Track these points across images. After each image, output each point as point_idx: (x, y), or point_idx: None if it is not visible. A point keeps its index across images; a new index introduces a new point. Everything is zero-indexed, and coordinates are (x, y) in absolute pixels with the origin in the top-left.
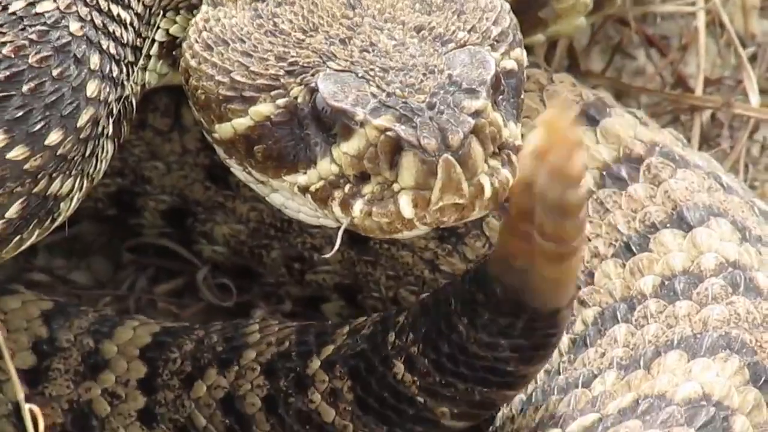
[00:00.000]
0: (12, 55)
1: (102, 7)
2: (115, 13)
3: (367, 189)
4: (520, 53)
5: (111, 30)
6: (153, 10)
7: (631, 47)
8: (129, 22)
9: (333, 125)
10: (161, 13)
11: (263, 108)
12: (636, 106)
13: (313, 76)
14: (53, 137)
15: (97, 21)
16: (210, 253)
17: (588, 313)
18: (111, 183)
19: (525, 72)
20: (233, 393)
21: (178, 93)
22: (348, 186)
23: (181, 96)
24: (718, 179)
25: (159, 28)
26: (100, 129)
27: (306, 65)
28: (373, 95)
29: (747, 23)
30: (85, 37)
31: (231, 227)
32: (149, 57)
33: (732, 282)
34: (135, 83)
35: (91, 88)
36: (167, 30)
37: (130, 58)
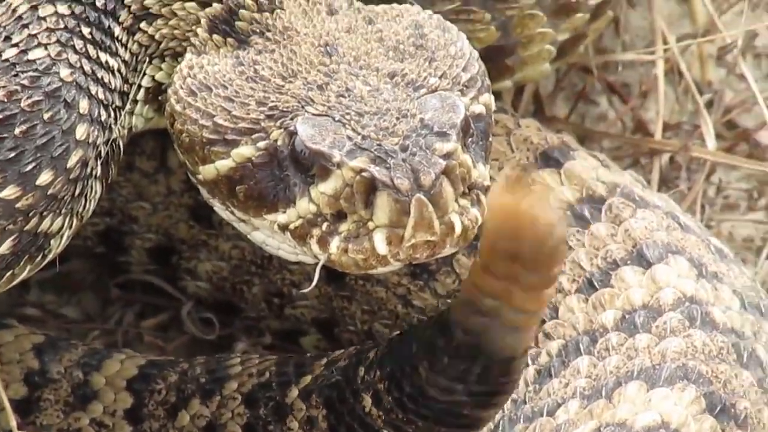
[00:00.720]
0: (5, 100)
1: (91, 55)
2: (104, 60)
3: (344, 227)
4: (488, 98)
5: (99, 76)
6: (140, 57)
7: (594, 94)
8: (117, 68)
9: (311, 166)
10: (147, 60)
11: (245, 150)
12: (598, 149)
13: (292, 120)
14: (44, 177)
15: (86, 68)
16: (194, 289)
17: (552, 345)
18: (100, 222)
19: (493, 116)
20: (215, 422)
21: (163, 136)
22: (325, 224)
23: (167, 139)
24: (676, 219)
25: (145, 74)
26: (89, 170)
27: (285, 110)
28: (349, 138)
29: (704, 71)
30: (75, 83)
31: (214, 264)
32: (136, 102)
33: (689, 316)
34: (122, 127)
35: (81, 131)
36: (153, 76)
37: (117, 102)
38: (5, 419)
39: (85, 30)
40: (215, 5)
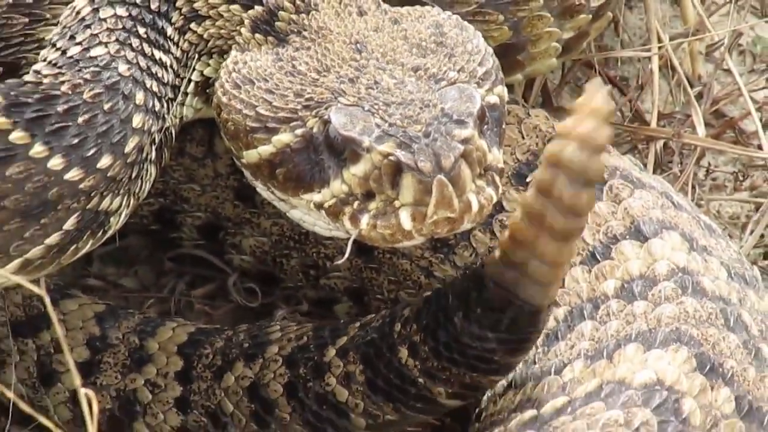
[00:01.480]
0: (69, 92)
1: (146, 52)
2: (157, 57)
3: (373, 205)
4: (501, 90)
5: (154, 71)
6: (189, 54)
7: None
8: (169, 64)
9: (343, 151)
10: (197, 57)
11: (284, 137)
12: None
13: (327, 109)
14: (104, 161)
15: (142, 63)
16: (239, 262)
17: (559, 312)
18: (154, 202)
19: (506, 106)
20: (258, 382)
21: (210, 125)
22: (356, 203)
23: (214, 128)
24: (669, 198)
25: (195, 69)
26: (144, 155)
27: (320, 100)
28: (377, 125)
29: (694, 66)
30: (132, 77)
31: (256, 239)
32: (186, 94)
33: (681, 285)
34: (174, 116)
35: (137, 120)
36: (202, 71)
37: (170, 95)
38: (70, 379)
39: (141, 30)
40: (257, 7)
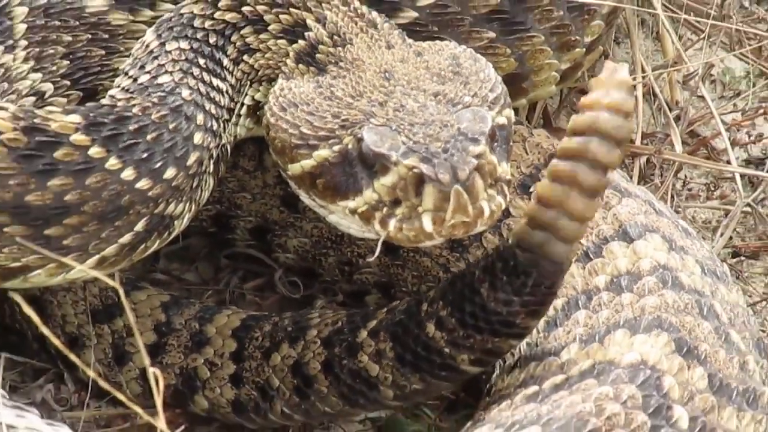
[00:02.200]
0: (140, 113)
1: (205, 80)
2: (215, 84)
3: (399, 211)
4: (509, 113)
5: (212, 96)
6: (242, 82)
7: None
8: (225, 90)
9: (374, 165)
10: (248, 84)
11: (323, 152)
12: None
13: (360, 129)
14: (169, 173)
15: (202, 89)
16: (284, 260)
17: (558, 302)
18: (212, 208)
19: (513, 126)
20: (300, 360)
21: (260, 142)
22: (385, 209)
23: (263, 144)
24: (651, 205)
25: (247, 95)
26: (203, 167)
27: (354, 121)
28: (403, 143)
29: (672, 93)
30: (193, 101)
31: (299, 240)
32: (240, 116)
33: (662, 280)
34: (229, 135)
35: (197, 137)
36: (253, 96)
37: (225, 116)
38: (140, 359)
39: (201, 61)
40: (300, 42)
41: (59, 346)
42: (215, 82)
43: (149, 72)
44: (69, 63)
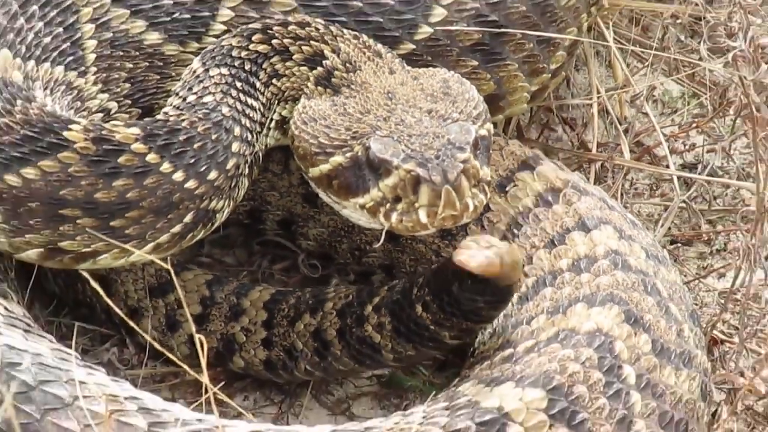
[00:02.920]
0: (188, 127)
1: (241, 99)
2: (249, 103)
3: (400, 206)
4: (489, 126)
5: (247, 113)
6: (272, 101)
7: (554, 125)
8: (257, 108)
9: (379, 168)
10: (277, 103)
11: (338, 159)
12: (556, 159)
13: (367, 139)
14: (212, 175)
15: (239, 108)
16: (305, 246)
17: (529, 281)
18: (247, 204)
19: (492, 137)
20: (319, 328)
21: (286, 150)
22: (388, 204)
23: (288, 152)
24: (605, 202)
25: (275, 112)
26: (240, 171)
27: (363, 133)
28: (403, 150)
29: (622, 110)
30: (232, 117)
31: (318, 230)
32: (269, 129)
33: (614, 262)
34: (261, 144)
35: (235, 146)
36: (280, 113)
37: (258, 129)
38: (188, 327)
39: (238, 84)
40: (319, 68)
41: (122, 316)
42: (249, 101)
43: (196, 93)
44: (130, 86)
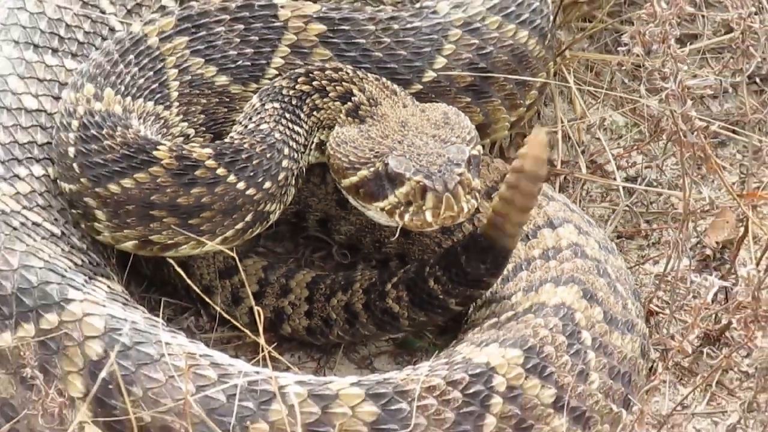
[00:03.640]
0: (248, 147)
1: (289, 127)
2: (295, 130)
3: (411, 209)
4: (479, 148)
5: (294, 137)
6: (312, 129)
7: None
8: (301, 134)
9: (395, 180)
10: (316, 129)
11: (363, 172)
12: None
13: (386, 158)
14: (267, 185)
15: (287, 133)
16: (338, 239)
17: (510, 266)
18: (293, 207)
19: (481, 156)
20: (349, 302)
21: (323, 166)
22: (402, 207)
23: (326, 167)
24: (567, 206)
25: (315, 136)
26: (288, 182)
27: (383, 153)
28: (414, 166)
29: (580, 136)
30: (282, 140)
31: (348, 227)
32: (310, 150)
33: (575, 252)
34: (304, 161)
35: (284, 163)
36: (319, 137)
37: (302, 150)
38: (249, 301)
39: (287, 115)
40: (349, 103)
41: (198, 292)
42: (296, 128)
43: (254, 122)
44: (204, 116)
